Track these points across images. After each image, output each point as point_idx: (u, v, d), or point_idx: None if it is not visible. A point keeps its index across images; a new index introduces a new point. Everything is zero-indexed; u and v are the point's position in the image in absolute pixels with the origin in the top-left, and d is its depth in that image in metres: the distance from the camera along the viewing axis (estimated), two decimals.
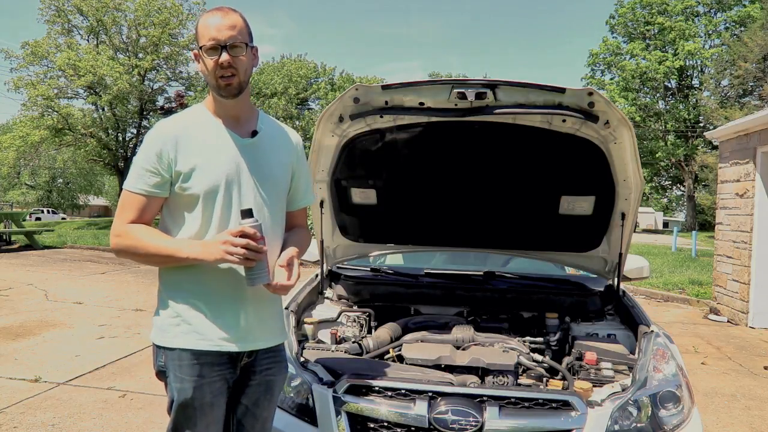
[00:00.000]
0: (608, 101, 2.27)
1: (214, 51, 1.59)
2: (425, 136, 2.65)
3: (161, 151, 1.62)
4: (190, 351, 1.62)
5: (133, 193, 1.64)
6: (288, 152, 1.83)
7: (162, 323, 1.67)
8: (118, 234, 1.64)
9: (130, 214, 1.64)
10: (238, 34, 1.61)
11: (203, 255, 1.56)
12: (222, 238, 1.54)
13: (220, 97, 1.66)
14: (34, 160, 28.47)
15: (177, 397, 1.63)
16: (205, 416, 1.64)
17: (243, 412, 1.78)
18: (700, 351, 5.87)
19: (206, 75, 1.64)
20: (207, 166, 1.64)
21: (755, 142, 7.04)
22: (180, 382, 1.62)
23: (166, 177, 1.63)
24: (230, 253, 1.52)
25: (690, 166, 33.10)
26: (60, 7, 24.69)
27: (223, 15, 1.61)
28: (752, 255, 7.05)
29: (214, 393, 1.65)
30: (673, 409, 2.13)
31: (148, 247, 1.60)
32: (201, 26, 1.63)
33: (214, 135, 1.68)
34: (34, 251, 14.49)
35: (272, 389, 1.82)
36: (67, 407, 3.81)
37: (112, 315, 6.84)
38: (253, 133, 1.73)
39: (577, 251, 3.14)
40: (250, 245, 1.52)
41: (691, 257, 15.35)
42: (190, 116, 1.71)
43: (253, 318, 1.70)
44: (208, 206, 1.64)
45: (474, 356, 2.34)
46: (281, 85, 30.53)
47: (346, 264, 3.50)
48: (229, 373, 1.69)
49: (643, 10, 35.24)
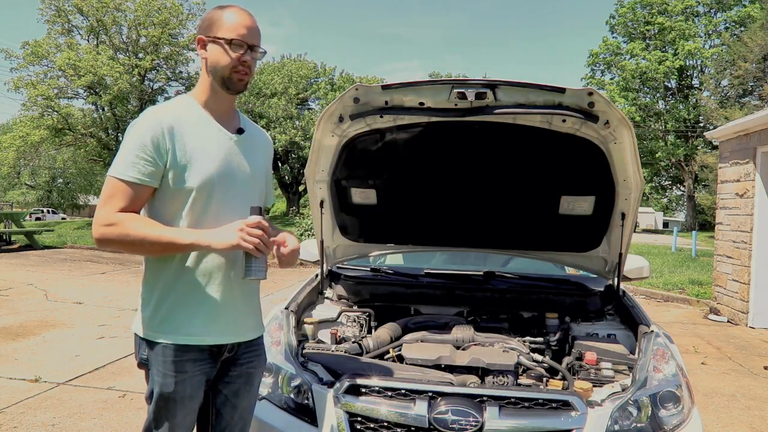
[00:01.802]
0: (608, 101, 2.27)
1: (240, 47, 1.64)
2: (425, 136, 2.65)
3: (157, 138, 1.57)
4: (174, 346, 1.64)
5: (123, 181, 1.56)
6: (265, 152, 1.90)
7: (146, 316, 1.67)
8: (108, 222, 1.55)
9: (119, 202, 1.56)
10: (260, 39, 1.70)
11: (214, 242, 1.55)
12: (238, 225, 1.56)
13: (224, 90, 1.68)
14: (34, 160, 28.48)
15: (158, 390, 1.65)
16: (184, 408, 1.67)
17: (222, 401, 1.80)
18: (700, 351, 5.87)
19: (219, 65, 1.64)
20: (202, 160, 1.63)
21: (755, 142, 7.04)
22: (163, 377, 1.64)
23: (160, 166, 1.58)
24: (246, 240, 1.54)
25: (690, 166, 33.10)
26: (60, 7, 24.67)
27: (251, 18, 1.69)
28: (752, 255, 7.05)
29: (194, 386, 1.68)
30: (673, 409, 2.13)
31: (146, 235, 1.54)
32: (228, 19, 1.64)
33: (207, 129, 1.69)
34: (34, 251, 14.50)
35: (252, 380, 1.86)
36: (67, 407, 3.81)
37: (112, 315, 6.84)
38: (239, 130, 1.76)
39: (577, 251, 3.14)
40: (263, 237, 1.57)
41: (691, 257, 15.36)
42: (180, 107, 1.69)
43: (234, 313, 1.73)
44: (200, 201, 1.63)
45: (474, 356, 2.34)
46: (281, 85, 30.50)
47: (346, 264, 3.50)
48: (210, 367, 1.72)
49: (643, 10, 35.25)
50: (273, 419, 2.18)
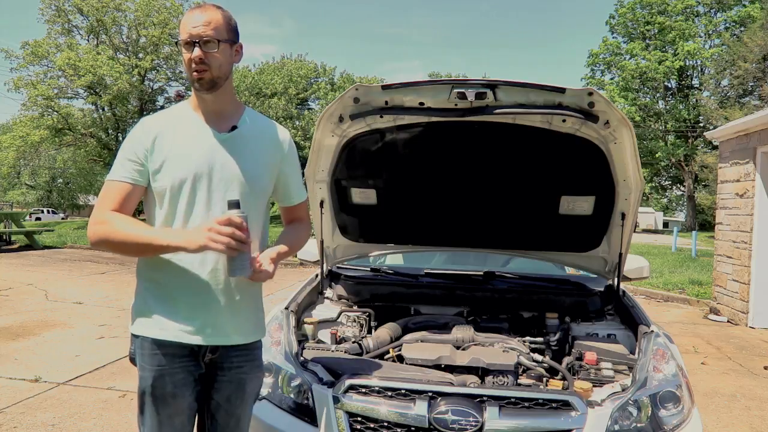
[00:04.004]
0: (608, 101, 2.27)
1: (189, 46, 1.64)
2: (425, 136, 2.65)
3: (140, 143, 1.65)
4: (151, 340, 1.64)
5: (114, 181, 1.65)
6: (272, 150, 1.80)
7: (134, 312, 1.71)
8: (97, 221, 1.61)
9: (110, 203, 1.63)
10: (213, 30, 1.63)
11: (185, 243, 1.53)
12: (207, 225, 1.53)
13: (196, 91, 1.70)
14: (34, 160, 28.48)
15: (139, 384, 1.66)
16: (167, 406, 1.65)
17: (215, 407, 1.79)
18: (700, 351, 5.87)
19: (185, 69, 1.69)
20: (177, 160, 1.65)
21: (755, 142, 7.04)
22: (142, 371, 1.66)
23: (146, 167, 1.65)
24: (214, 241, 1.49)
25: (690, 166, 33.09)
26: (60, 6, 24.66)
27: (201, 12, 1.65)
28: (752, 255, 7.05)
29: (176, 384, 1.65)
30: (673, 409, 2.13)
31: (127, 235, 1.57)
32: (181, 23, 1.68)
33: (191, 129, 1.70)
34: (34, 251, 14.49)
35: (244, 387, 1.80)
36: (67, 407, 3.81)
37: (112, 315, 6.84)
38: (232, 128, 1.73)
39: (577, 251, 3.14)
40: (235, 234, 1.50)
41: (691, 257, 15.36)
42: (173, 112, 1.75)
43: (220, 314, 1.68)
44: (174, 200, 1.65)
45: (474, 356, 2.34)
46: (281, 85, 30.55)
47: (346, 264, 3.50)
48: (193, 365, 1.69)
49: (643, 10, 35.24)
50: (273, 419, 2.18)
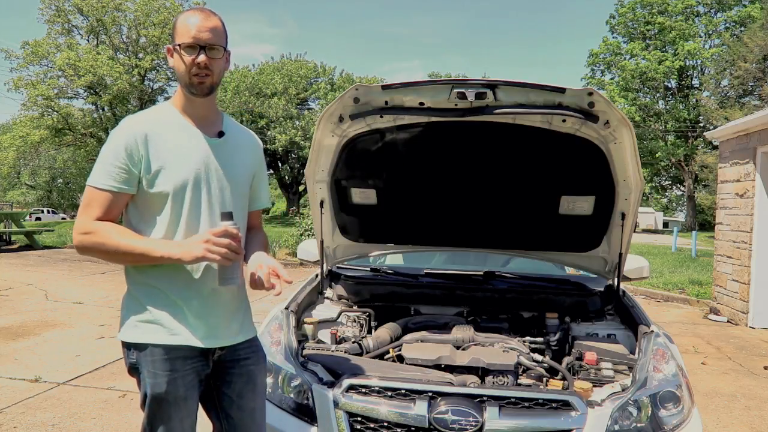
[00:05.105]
0: (608, 101, 2.27)
1: (193, 50, 1.63)
2: (425, 136, 2.65)
3: (130, 147, 1.61)
4: (162, 346, 1.63)
5: (99, 189, 1.61)
6: (251, 154, 1.87)
7: (132, 321, 1.67)
8: (85, 231, 1.60)
9: (96, 211, 1.60)
10: (217, 37, 1.65)
11: (181, 254, 1.55)
12: (204, 237, 1.55)
13: (190, 95, 1.69)
14: (34, 160, 28.51)
15: (151, 392, 1.64)
16: (179, 410, 1.66)
17: (229, 403, 1.80)
18: (700, 351, 5.87)
19: (180, 72, 1.66)
20: (177, 164, 1.64)
21: (755, 142, 7.04)
22: (153, 377, 1.64)
23: (135, 173, 1.62)
24: (212, 252, 1.52)
25: (690, 166, 33.08)
26: (60, 6, 24.68)
27: (204, 17, 1.65)
28: (752, 255, 7.05)
29: (187, 386, 1.66)
30: (673, 409, 2.13)
31: (119, 245, 1.57)
32: (180, 24, 1.65)
33: (184, 134, 1.69)
34: (34, 251, 14.50)
35: (254, 380, 1.84)
36: (67, 407, 3.81)
37: (112, 315, 6.84)
38: (219, 133, 1.75)
39: (577, 251, 3.14)
40: (231, 245, 1.54)
41: (691, 257, 15.35)
42: (158, 114, 1.72)
43: (225, 316, 1.73)
44: (177, 205, 1.65)
45: (474, 356, 2.34)
46: (281, 85, 30.51)
47: (346, 264, 3.50)
48: (201, 366, 1.71)
49: (643, 10, 35.23)
50: (273, 419, 2.17)
